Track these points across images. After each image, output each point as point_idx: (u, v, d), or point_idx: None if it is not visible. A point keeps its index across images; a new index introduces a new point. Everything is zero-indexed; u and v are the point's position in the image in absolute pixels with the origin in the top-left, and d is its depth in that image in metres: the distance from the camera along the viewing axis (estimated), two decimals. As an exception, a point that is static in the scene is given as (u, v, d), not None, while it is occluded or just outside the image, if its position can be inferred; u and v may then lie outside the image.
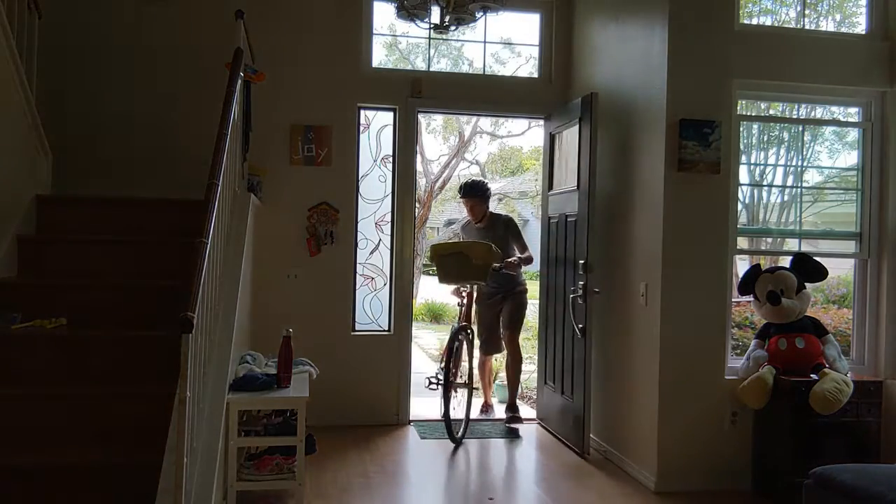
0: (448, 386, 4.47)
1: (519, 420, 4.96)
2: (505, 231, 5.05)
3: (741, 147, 3.93)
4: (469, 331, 4.81)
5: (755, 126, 4.16)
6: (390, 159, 5.03)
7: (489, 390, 5.40)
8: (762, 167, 4.21)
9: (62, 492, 2.75)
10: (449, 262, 4.61)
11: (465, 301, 4.89)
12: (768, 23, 4.05)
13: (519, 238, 5.07)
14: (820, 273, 3.79)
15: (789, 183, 4.20)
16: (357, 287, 4.97)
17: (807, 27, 4.06)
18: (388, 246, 4.97)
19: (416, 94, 4.92)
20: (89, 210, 3.93)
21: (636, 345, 3.96)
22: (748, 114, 4.08)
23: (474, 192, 5.10)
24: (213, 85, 4.14)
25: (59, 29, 4.41)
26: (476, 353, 5.08)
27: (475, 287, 4.84)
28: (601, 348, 4.44)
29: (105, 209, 3.95)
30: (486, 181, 5.46)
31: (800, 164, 4.13)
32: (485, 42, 5.14)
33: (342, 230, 4.82)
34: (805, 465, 3.37)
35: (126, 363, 3.22)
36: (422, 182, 11.94)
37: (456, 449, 4.35)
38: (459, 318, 4.91)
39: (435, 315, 11.63)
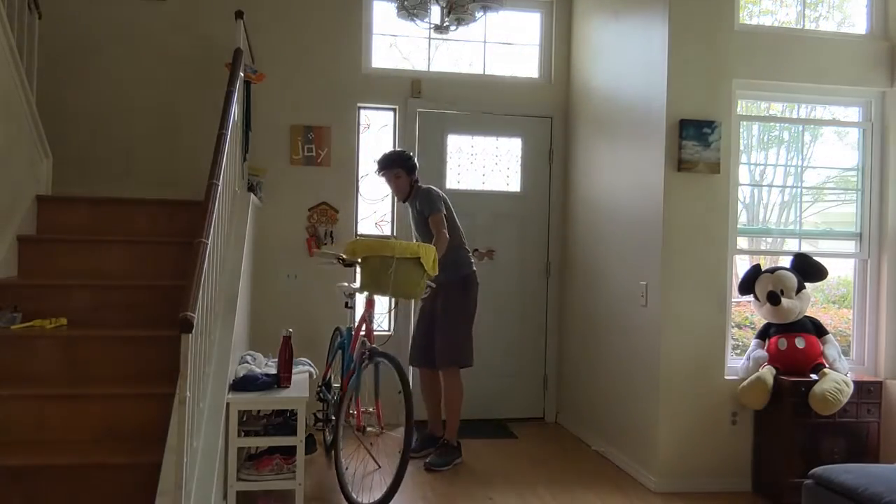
0: (337, 432, 3.54)
1: (440, 465, 3.96)
2: (418, 209, 4.09)
3: (741, 147, 3.94)
4: (380, 358, 3.52)
5: (755, 126, 4.16)
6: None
7: (438, 415, 4.23)
8: (762, 167, 4.21)
9: (62, 492, 2.75)
10: (399, 268, 3.43)
11: (365, 309, 3.71)
12: (768, 23, 4.05)
13: (432, 210, 4.00)
14: (820, 273, 3.80)
15: (789, 183, 4.20)
16: (357, 287, 4.98)
17: (807, 27, 4.06)
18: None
19: (416, 94, 4.92)
20: (89, 210, 3.93)
21: (636, 345, 3.96)
22: (748, 114, 4.08)
23: (390, 164, 4.11)
24: (213, 85, 4.15)
25: (59, 29, 4.42)
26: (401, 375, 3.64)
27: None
28: (601, 348, 4.44)
29: (105, 209, 3.96)
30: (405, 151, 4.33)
31: (800, 164, 4.13)
32: (485, 42, 5.14)
33: (342, 230, 4.82)
34: (805, 465, 3.39)
35: (126, 363, 3.22)
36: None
37: None
38: (357, 330, 3.75)
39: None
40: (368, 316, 3.68)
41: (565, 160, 5.13)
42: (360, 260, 3.59)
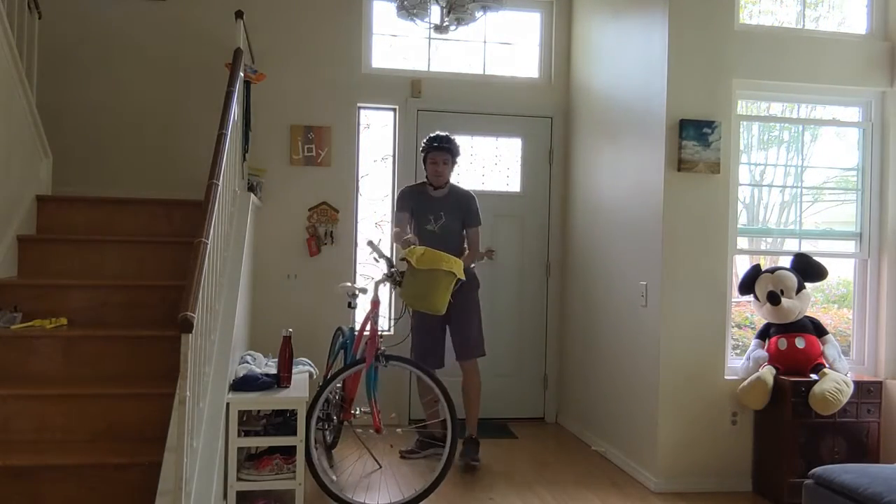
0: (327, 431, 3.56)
1: (475, 460, 4.03)
2: (459, 212, 4.10)
3: (741, 147, 3.94)
4: (400, 364, 3.60)
5: (755, 126, 4.16)
6: (390, 159, 5.03)
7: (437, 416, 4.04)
8: (762, 167, 4.21)
9: (62, 492, 2.75)
10: (434, 282, 3.45)
11: (370, 309, 3.64)
12: (768, 23, 4.05)
13: (478, 222, 4.16)
14: (820, 273, 3.80)
15: (789, 183, 4.20)
16: (357, 287, 4.98)
17: (807, 27, 4.06)
18: (389, 246, 4.97)
19: (416, 94, 4.92)
20: (89, 210, 3.94)
21: (636, 345, 3.96)
22: (748, 114, 4.08)
23: (450, 147, 4.06)
24: (213, 85, 4.15)
25: (59, 29, 4.42)
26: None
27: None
28: (601, 348, 4.44)
29: (105, 209, 3.96)
30: None
31: (800, 164, 4.13)
32: (485, 42, 5.14)
33: (342, 230, 4.82)
34: (805, 465, 3.39)
35: (126, 363, 3.23)
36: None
37: None
38: (361, 330, 3.72)
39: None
40: (373, 317, 3.62)
41: (565, 160, 5.13)
42: (406, 267, 3.50)
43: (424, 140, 4.14)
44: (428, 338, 4.15)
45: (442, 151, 4.04)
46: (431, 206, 4.11)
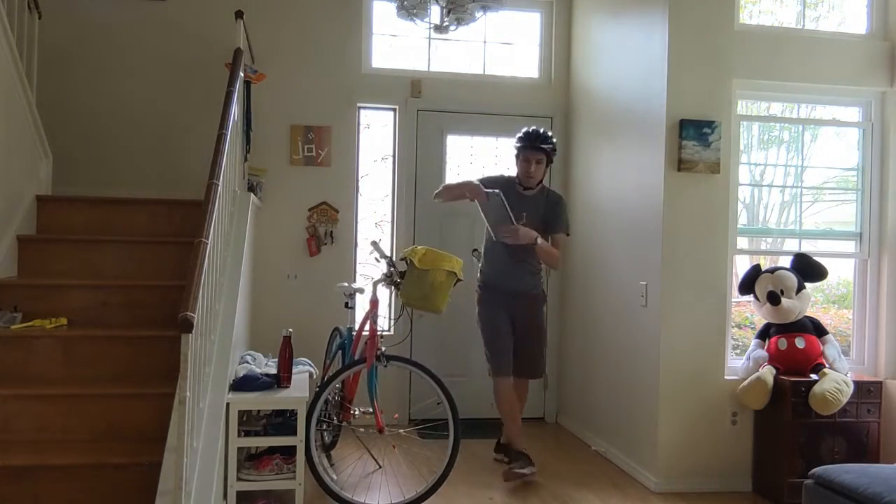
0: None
1: (525, 464, 3.80)
2: (544, 216, 3.87)
3: (741, 147, 3.94)
4: (404, 365, 3.53)
5: (755, 126, 4.16)
6: (390, 159, 5.04)
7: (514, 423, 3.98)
8: (762, 167, 4.21)
9: (62, 492, 2.75)
10: (436, 282, 3.39)
11: (369, 309, 3.57)
12: (768, 23, 4.05)
13: (567, 230, 4.04)
14: (820, 273, 3.80)
15: (789, 183, 4.20)
16: (357, 287, 4.98)
17: (807, 27, 4.06)
18: (389, 246, 4.98)
19: (416, 94, 4.92)
20: (89, 210, 3.94)
21: (636, 345, 3.96)
22: (748, 114, 4.08)
23: (546, 148, 3.79)
24: (213, 85, 4.16)
25: (59, 29, 4.42)
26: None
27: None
28: (601, 348, 4.44)
29: (105, 209, 3.97)
30: None
31: (800, 164, 4.13)
32: (485, 42, 5.14)
33: (342, 230, 4.83)
34: (805, 465, 3.39)
35: (126, 363, 3.23)
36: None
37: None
38: (360, 330, 3.70)
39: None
40: (373, 316, 3.60)
41: (565, 160, 5.13)
42: (406, 266, 3.45)
43: (520, 133, 3.86)
44: (502, 339, 3.94)
45: (536, 151, 3.77)
46: (515, 204, 3.73)
